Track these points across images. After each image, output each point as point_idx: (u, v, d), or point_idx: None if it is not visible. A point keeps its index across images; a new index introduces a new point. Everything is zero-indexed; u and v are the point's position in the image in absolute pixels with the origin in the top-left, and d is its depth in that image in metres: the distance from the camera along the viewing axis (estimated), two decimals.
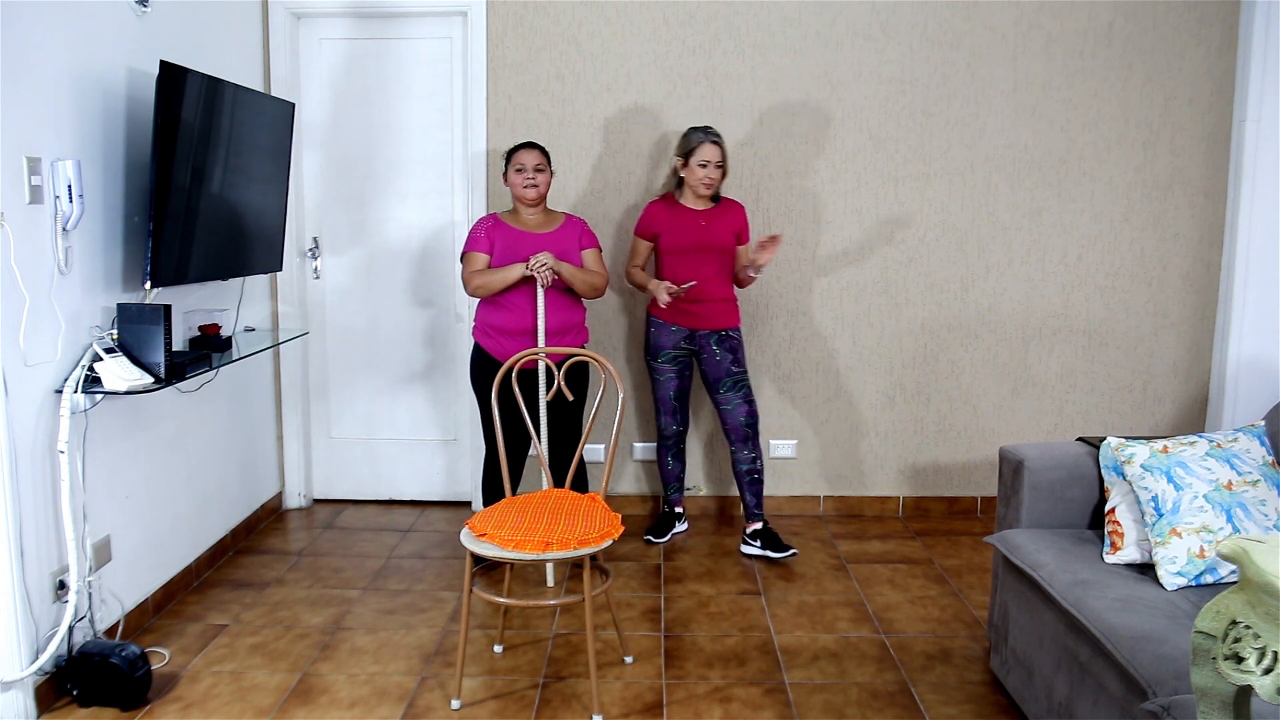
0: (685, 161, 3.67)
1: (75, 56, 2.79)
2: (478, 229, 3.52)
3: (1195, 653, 1.42)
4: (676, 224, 3.71)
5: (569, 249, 3.53)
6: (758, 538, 3.80)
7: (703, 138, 3.63)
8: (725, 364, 3.75)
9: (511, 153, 3.54)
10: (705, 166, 3.63)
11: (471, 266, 3.46)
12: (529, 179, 3.48)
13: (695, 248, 3.70)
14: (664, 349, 3.78)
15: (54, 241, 2.71)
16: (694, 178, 3.66)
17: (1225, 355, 4.10)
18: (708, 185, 3.66)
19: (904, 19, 4.04)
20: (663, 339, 3.78)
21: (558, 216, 3.62)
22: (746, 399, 3.78)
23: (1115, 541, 2.47)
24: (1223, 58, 4.04)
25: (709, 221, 3.72)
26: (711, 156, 3.63)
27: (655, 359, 3.81)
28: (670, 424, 3.87)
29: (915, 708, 2.71)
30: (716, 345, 3.75)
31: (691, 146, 3.64)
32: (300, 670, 2.91)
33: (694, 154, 3.64)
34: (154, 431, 3.27)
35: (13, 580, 2.53)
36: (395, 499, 4.46)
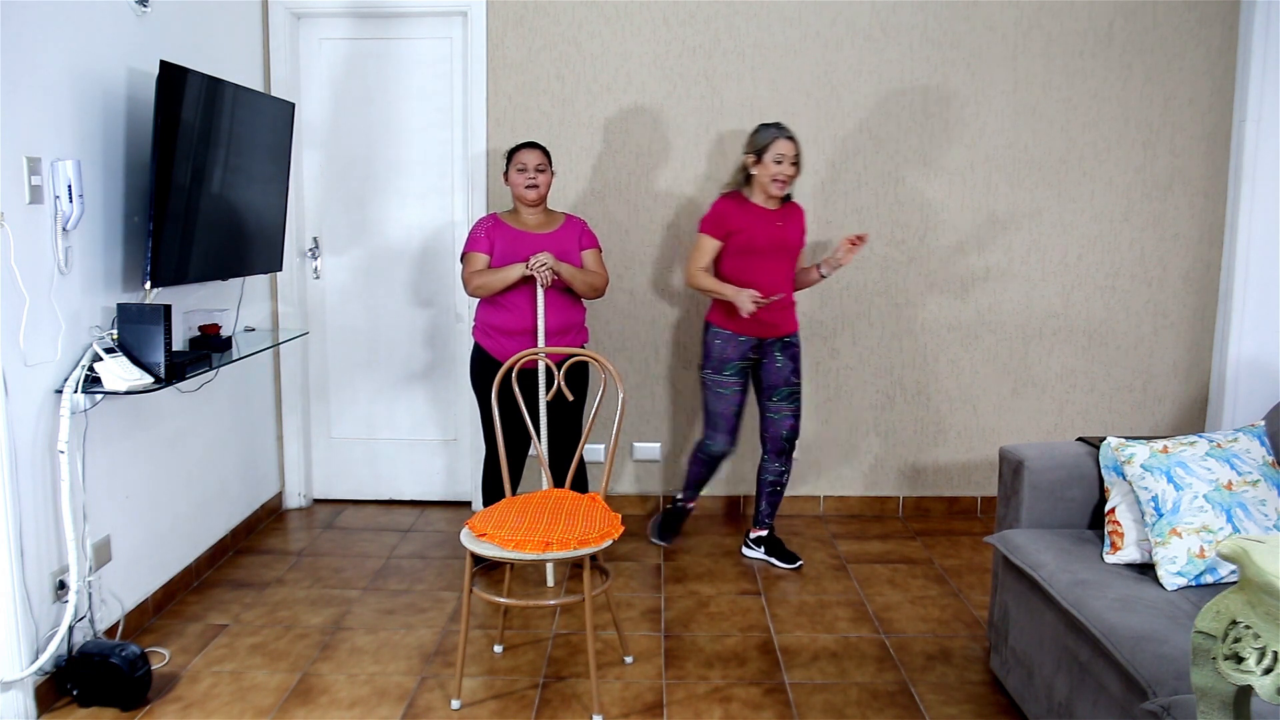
0: (758, 158, 3.46)
1: (75, 56, 2.79)
2: (477, 229, 3.51)
3: (1195, 653, 1.42)
4: (752, 223, 3.50)
5: (569, 249, 3.52)
6: (762, 544, 3.78)
7: (776, 133, 3.43)
8: (785, 372, 3.61)
9: (513, 152, 3.53)
10: (780, 163, 3.42)
11: (471, 267, 3.46)
12: (530, 179, 3.47)
13: (772, 249, 3.51)
14: (731, 361, 3.57)
15: (54, 241, 2.71)
16: (767, 175, 3.45)
17: (1225, 355, 4.10)
18: (782, 183, 3.46)
19: (904, 19, 4.05)
20: (730, 351, 3.56)
21: (558, 216, 3.61)
22: (795, 413, 3.65)
23: (1115, 541, 2.47)
24: (1223, 58, 4.04)
25: (784, 221, 3.55)
26: (787, 152, 3.42)
27: (720, 371, 3.58)
28: (726, 442, 3.65)
29: (915, 708, 2.71)
30: (780, 352, 3.60)
31: (765, 143, 3.44)
32: (300, 670, 2.91)
33: (768, 150, 3.43)
34: (154, 431, 3.27)
35: (13, 580, 2.53)
36: (395, 499, 4.46)
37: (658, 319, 4.24)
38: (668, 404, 4.29)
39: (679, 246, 4.19)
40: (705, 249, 3.55)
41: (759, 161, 3.46)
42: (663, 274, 4.21)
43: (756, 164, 3.47)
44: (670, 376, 4.27)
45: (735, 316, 3.48)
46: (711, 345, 3.60)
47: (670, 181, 4.15)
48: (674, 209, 4.17)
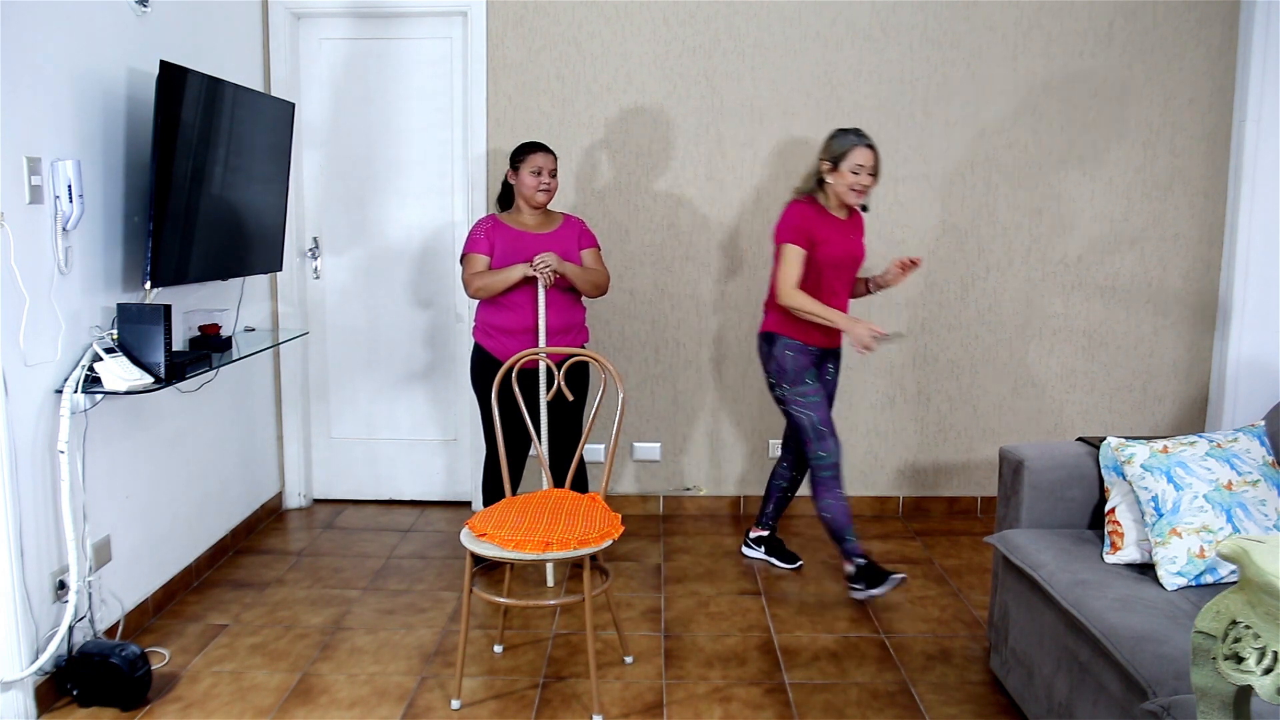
0: (834, 166, 3.28)
1: (75, 56, 2.79)
2: (477, 230, 3.50)
3: (1195, 653, 1.42)
4: (830, 233, 3.32)
5: (569, 249, 3.52)
6: (762, 544, 3.76)
7: (856, 141, 3.26)
8: (831, 386, 3.55)
9: (525, 153, 3.47)
10: (859, 173, 3.25)
11: (472, 268, 3.45)
12: (545, 184, 3.45)
13: (845, 262, 3.36)
14: (808, 369, 3.38)
15: (54, 241, 2.71)
16: (844, 184, 3.27)
17: (1225, 355, 4.10)
18: (859, 193, 3.28)
19: (904, 19, 4.05)
20: (803, 360, 3.37)
21: (557, 217, 3.61)
22: None
23: (1115, 541, 2.47)
24: (1223, 58, 4.04)
25: (855, 234, 3.41)
26: (866, 161, 3.26)
27: (801, 383, 3.36)
28: (836, 448, 3.35)
29: (915, 708, 2.71)
30: (832, 364, 3.52)
31: (843, 150, 3.27)
32: (300, 670, 2.91)
33: (845, 158, 3.26)
34: (154, 431, 3.27)
35: (13, 580, 2.53)
36: (395, 499, 4.46)
37: (658, 319, 4.24)
38: (668, 404, 4.29)
39: (679, 246, 4.19)
40: (795, 261, 3.27)
41: (835, 170, 3.29)
42: (663, 275, 4.21)
43: (833, 172, 3.29)
44: (670, 376, 4.27)
45: (800, 325, 3.32)
46: (784, 358, 3.36)
47: (670, 181, 4.15)
48: (674, 209, 4.17)
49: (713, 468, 4.33)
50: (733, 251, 4.19)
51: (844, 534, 3.34)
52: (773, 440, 4.28)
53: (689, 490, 4.34)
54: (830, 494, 3.34)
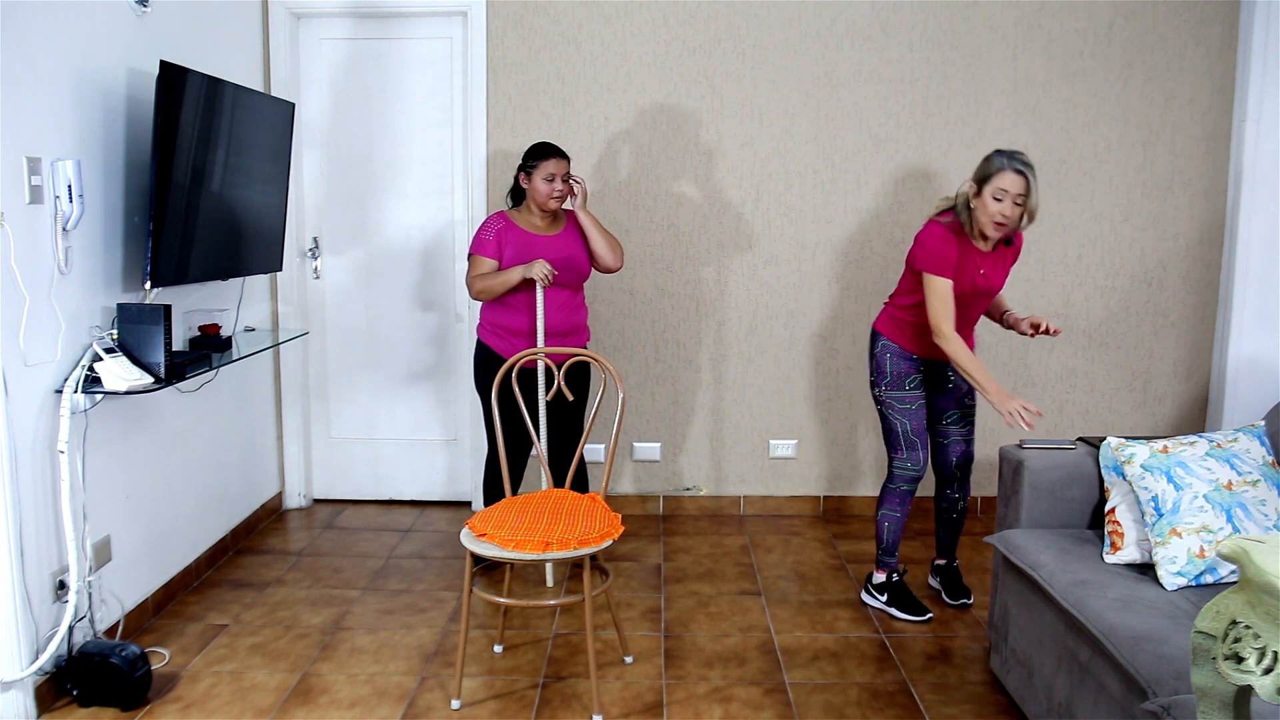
0: (979, 189, 2.96)
1: (75, 56, 2.79)
2: (485, 231, 3.46)
3: (1195, 653, 1.42)
4: (964, 264, 3.02)
5: (578, 250, 3.52)
6: (939, 573, 3.48)
7: (1005, 164, 2.89)
8: (959, 394, 3.27)
9: (540, 158, 3.42)
10: (1001, 200, 2.90)
11: (477, 270, 3.43)
12: (557, 190, 3.41)
13: (975, 298, 3.10)
14: (910, 374, 3.19)
15: (54, 241, 2.71)
16: (984, 212, 2.94)
17: (1225, 355, 4.10)
18: (998, 226, 2.94)
19: (904, 19, 4.05)
20: (904, 365, 3.18)
21: (563, 217, 3.61)
22: (968, 438, 3.31)
23: (1115, 541, 2.47)
24: (1223, 58, 4.04)
25: (991, 269, 3.06)
26: (1011, 187, 2.88)
27: (902, 387, 3.18)
28: (921, 460, 3.20)
29: (915, 708, 2.71)
30: (953, 372, 3.23)
31: (989, 172, 2.92)
32: (300, 670, 2.91)
33: (990, 181, 2.92)
34: (154, 431, 3.27)
35: (13, 580, 2.53)
36: (395, 499, 4.46)
37: (658, 319, 4.24)
38: (668, 404, 4.29)
39: (679, 246, 4.18)
40: (941, 293, 2.98)
41: (979, 194, 2.96)
42: (663, 274, 4.21)
43: (977, 196, 2.97)
44: (670, 376, 4.27)
45: (907, 331, 3.17)
46: (884, 360, 3.21)
47: (670, 181, 4.15)
48: (674, 209, 4.17)
49: (713, 468, 4.33)
50: (733, 251, 4.19)
51: (891, 549, 3.29)
52: (773, 440, 4.28)
53: (689, 490, 4.34)
54: (896, 507, 3.25)
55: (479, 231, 3.49)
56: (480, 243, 3.46)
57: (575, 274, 3.49)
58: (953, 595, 3.37)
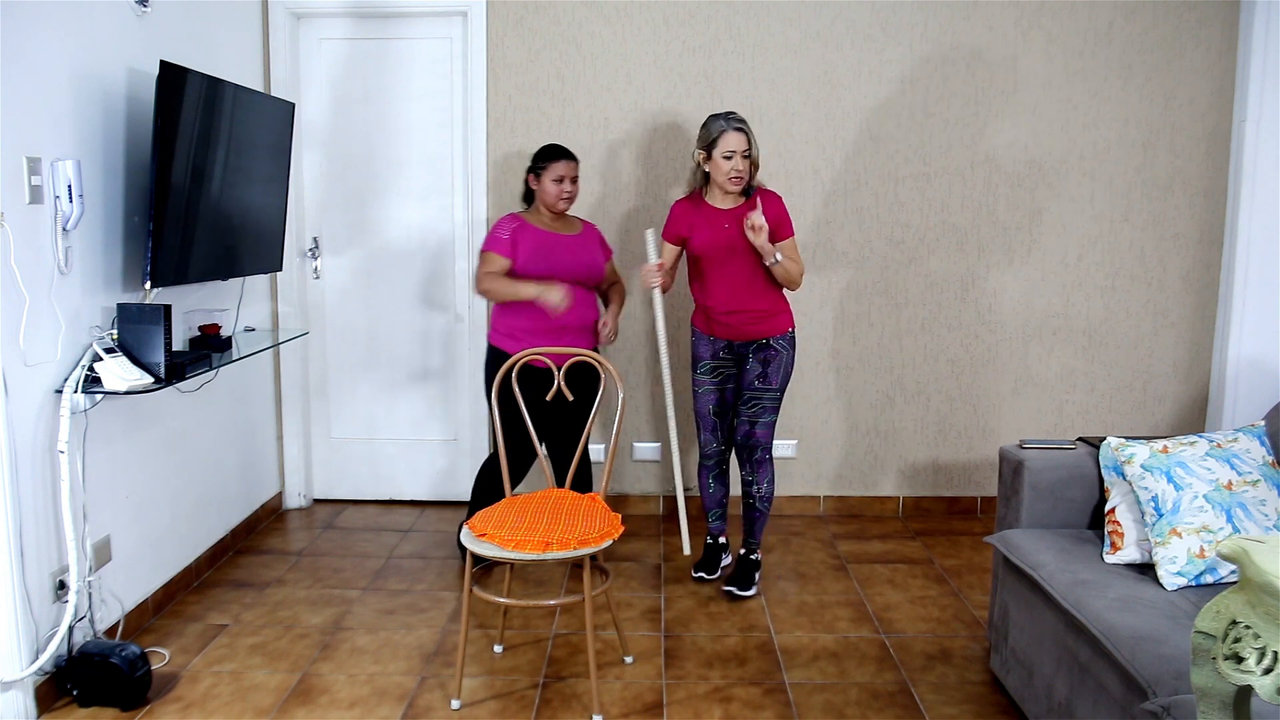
0: (708, 154, 3.27)
1: (75, 56, 2.79)
2: (501, 229, 3.48)
3: (1195, 653, 1.42)
4: (700, 224, 3.33)
5: (594, 253, 3.58)
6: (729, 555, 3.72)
7: (724, 126, 3.22)
8: (751, 376, 3.40)
9: (549, 160, 3.48)
10: (730, 158, 3.22)
11: (488, 266, 3.45)
12: (567, 191, 3.49)
13: (722, 251, 3.31)
14: (702, 359, 3.46)
15: (54, 241, 2.71)
16: (719, 173, 3.25)
17: (1225, 355, 4.10)
18: (734, 180, 3.24)
19: (904, 19, 4.05)
20: (701, 349, 3.47)
21: (575, 221, 3.64)
22: (752, 419, 3.41)
23: (1115, 541, 2.47)
24: (1223, 58, 4.04)
25: (734, 222, 3.29)
26: (736, 146, 3.21)
27: (695, 370, 3.50)
28: (710, 441, 3.52)
29: (915, 708, 2.71)
30: (752, 355, 3.40)
31: (713, 136, 3.23)
32: (300, 670, 2.91)
33: (716, 144, 3.23)
34: (154, 431, 3.27)
35: (13, 580, 2.53)
36: (395, 499, 4.46)
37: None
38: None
39: None
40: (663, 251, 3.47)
41: (709, 158, 3.29)
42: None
43: (707, 160, 3.30)
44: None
45: (701, 315, 3.45)
46: (691, 345, 3.56)
47: (670, 181, 4.15)
48: None
49: None
50: None
51: (707, 515, 3.68)
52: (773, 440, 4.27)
53: (689, 490, 4.34)
54: (704, 480, 3.62)
55: (495, 229, 3.51)
56: (495, 240, 3.47)
57: (593, 275, 3.58)
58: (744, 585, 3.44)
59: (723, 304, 3.36)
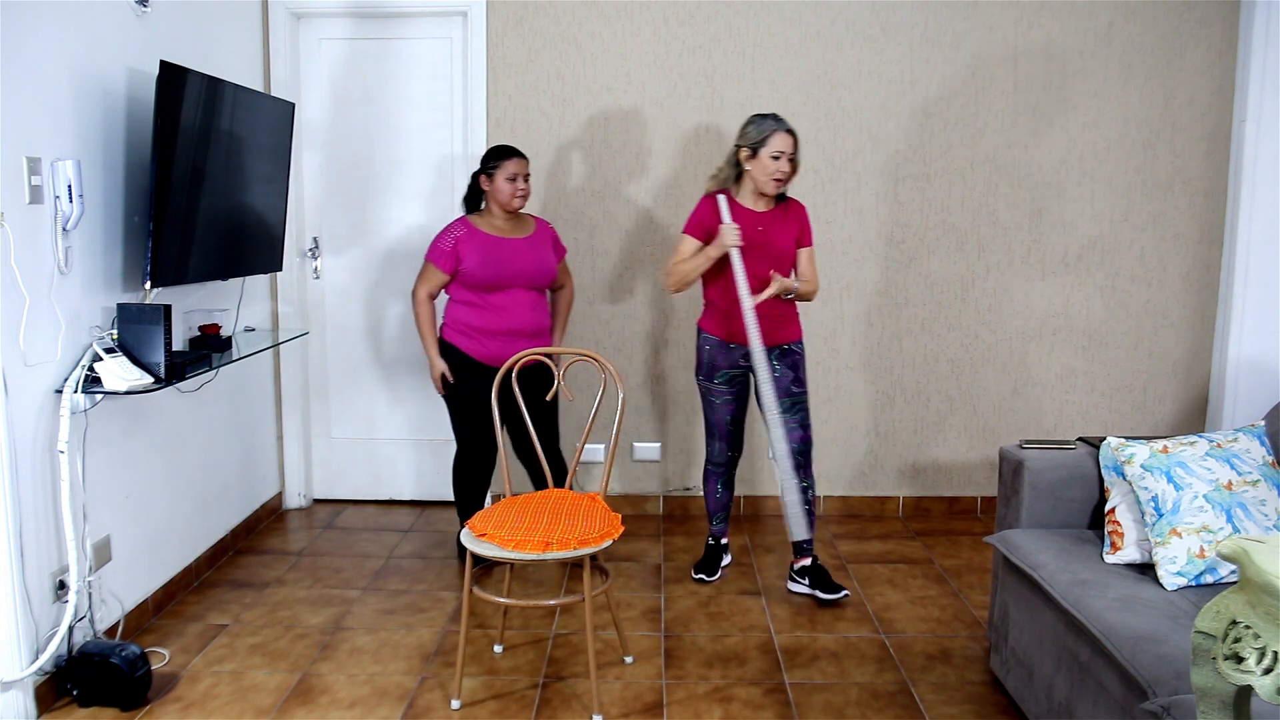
0: (753, 153, 3.21)
1: (75, 56, 2.79)
2: (445, 240, 3.47)
3: (1195, 653, 1.42)
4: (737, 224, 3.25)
5: (547, 255, 3.58)
6: (806, 574, 3.45)
7: (775, 126, 3.18)
8: (785, 382, 3.34)
9: (500, 159, 3.47)
10: (778, 159, 3.18)
11: (426, 279, 3.49)
12: (520, 189, 3.48)
13: (752, 252, 3.24)
14: (720, 368, 3.38)
15: (54, 241, 2.71)
16: (763, 172, 3.21)
17: (1225, 355, 4.10)
18: (778, 181, 3.21)
19: (904, 19, 4.05)
20: (719, 357, 3.37)
21: (528, 219, 3.63)
22: (802, 423, 3.37)
23: (1115, 541, 2.47)
24: (1223, 58, 4.04)
25: (767, 226, 3.27)
26: (785, 147, 3.18)
27: (711, 379, 3.40)
28: (725, 450, 3.48)
29: (915, 708, 2.71)
30: (777, 361, 3.33)
31: (762, 135, 3.18)
32: (300, 670, 2.91)
33: (765, 144, 3.17)
34: (154, 431, 3.27)
35: (13, 580, 2.53)
36: (395, 499, 4.46)
37: (657, 319, 4.24)
38: (668, 404, 4.29)
39: None
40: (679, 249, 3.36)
41: (754, 156, 3.23)
42: (659, 274, 4.21)
43: (751, 159, 3.24)
44: (670, 377, 4.27)
45: (723, 322, 3.35)
46: (702, 351, 3.43)
47: (671, 182, 4.15)
48: (674, 209, 4.16)
49: None
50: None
51: (710, 516, 3.63)
52: None
53: (689, 490, 4.34)
54: (707, 484, 3.59)
55: (438, 239, 3.50)
56: (437, 251, 3.47)
57: (546, 277, 3.57)
58: (828, 590, 3.36)
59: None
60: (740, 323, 3.24)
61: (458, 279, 3.49)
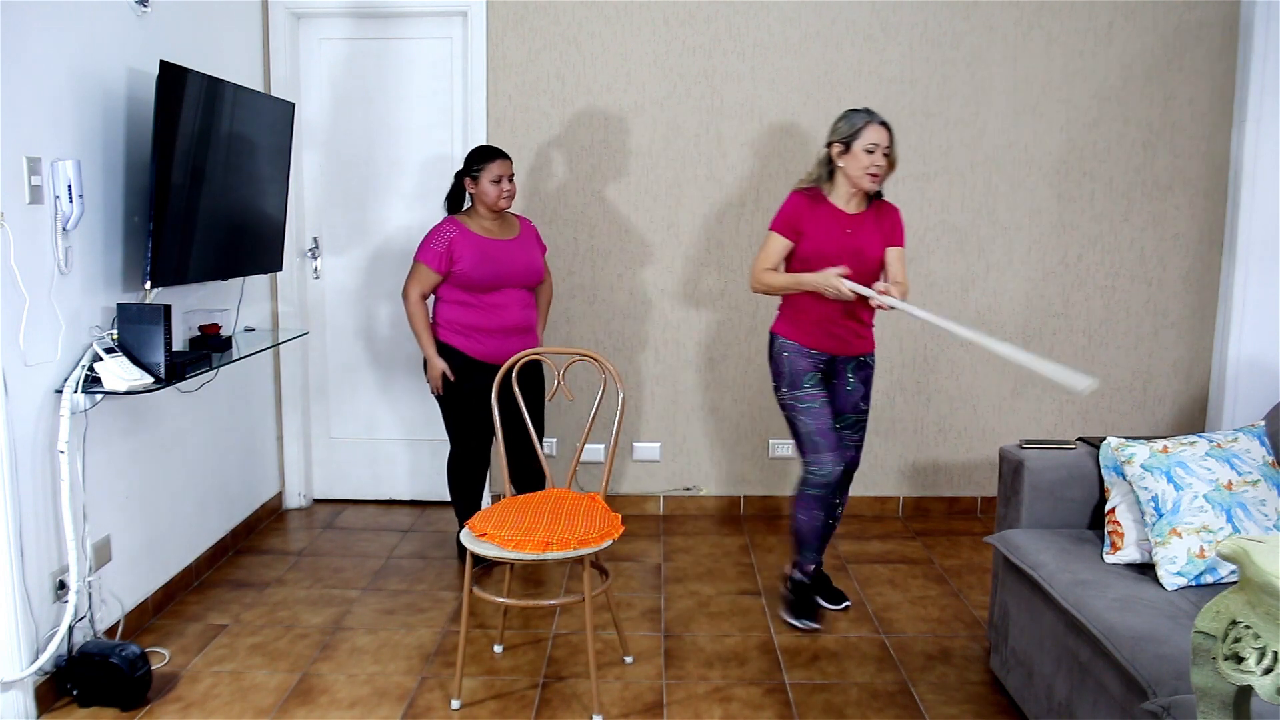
0: (846, 148, 3.03)
1: (75, 56, 2.79)
2: (438, 240, 3.45)
3: (1195, 653, 1.42)
4: (820, 225, 3.07)
5: (535, 254, 3.61)
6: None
7: (867, 118, 3.01)
8: (855, 397, 3.20)
9: (484, 161, 3.46)
10: (872, 152, 3.00)
11: (418, 280, 3.48)
12: (506, 190, 3.49)
13: (844, 257, 3.04)
14: (808, 371, 3.10)
15: (54, 241, 2.71)
16: (857, 167, 3.02)
17: (1225, 355, 4.10)
18: (873, 177, 3.03)
19: (904, 19, 4.05)
20: (801, 361, 3.11)
21: (512, 219, 3.63)
22: (858, 444, 3.25)
23: (1115, 541, 2.47)
24: (1223, 58, 4.04)
25: (856, 229, 3.08)
26: (879, 140, 3.00)
27: (799, 387, 3.10)
28: (832, 463, 3.09)
29: (915, 708, 2.71)
30: (853, 373, 3.18)
31: (854, 129, 3.01)
32: (300, 670, 2.91)
33: (858, 137, 3.00)
34: (154, 431, 3.27)
35: (13, 580, 2.53)
36: (395, 499, 4.46)
37: (657, 319, 4.24)
38: (668, 404, 4.29)
39: (679, 246, 4.19)
40: (769, 248, 3.12)
41: (847, 151, 3.03)
42: (663, 274, 4.21)
43: (844, 154, 3.04)
44: (670, 376, 4.27)
45: (800, 327, 3.12)
46: (781, 360, 3.14)
47: (670, 181, 4.15)
48: (674, 209, 4.17)
49: (713, 468, 4.33)
50: (733, 251, 4.18)
51: (804, 548, 3.21)
52: (773, 440, 4.28)
53: (689, 490, 4.34)
54: (809, 512, 3.15)
55: (429, 237, 3.49)
56: (429, 251, 3.46)
57: (536, 276, 3.62)
58: (832, 600, 3.32)
59: (835, 313, 3.08)
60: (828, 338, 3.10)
61: (450, 279, 3.49)
